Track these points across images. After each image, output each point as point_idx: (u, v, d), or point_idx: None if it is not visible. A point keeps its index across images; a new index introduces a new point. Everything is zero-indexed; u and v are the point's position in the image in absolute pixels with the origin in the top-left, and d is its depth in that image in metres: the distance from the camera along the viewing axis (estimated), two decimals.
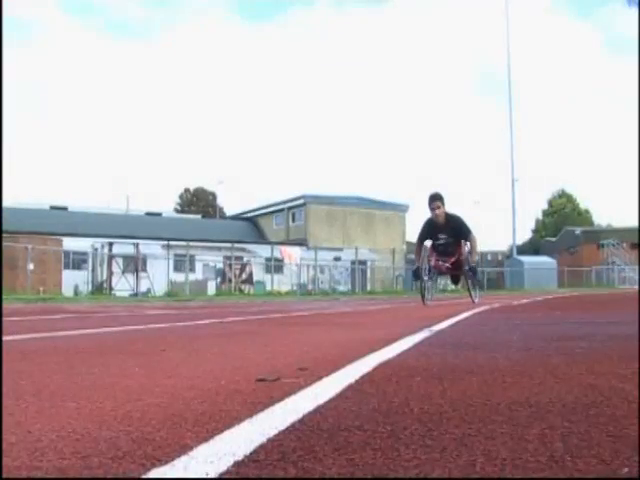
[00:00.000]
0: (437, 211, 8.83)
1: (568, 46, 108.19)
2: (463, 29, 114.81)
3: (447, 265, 8.91)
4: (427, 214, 9.08)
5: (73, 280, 24.95)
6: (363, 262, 34.13)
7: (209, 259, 30.22)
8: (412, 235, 41.57)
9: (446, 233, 8.94)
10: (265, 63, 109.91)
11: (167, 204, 68.17)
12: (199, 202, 71.37)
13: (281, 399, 1.32)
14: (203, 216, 52.85)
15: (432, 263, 8.89)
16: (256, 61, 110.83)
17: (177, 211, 61.09)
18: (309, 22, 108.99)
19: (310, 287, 29.52)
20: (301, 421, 1.12)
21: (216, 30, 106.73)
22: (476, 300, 9.46)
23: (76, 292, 24.17)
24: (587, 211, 73.11)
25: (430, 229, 9.08)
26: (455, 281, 10.62)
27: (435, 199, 8.95)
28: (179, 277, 26.11)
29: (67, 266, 25.82)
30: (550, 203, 74.43)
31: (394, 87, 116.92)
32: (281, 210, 42.60)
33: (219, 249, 31.27)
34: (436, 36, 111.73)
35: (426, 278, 8.78)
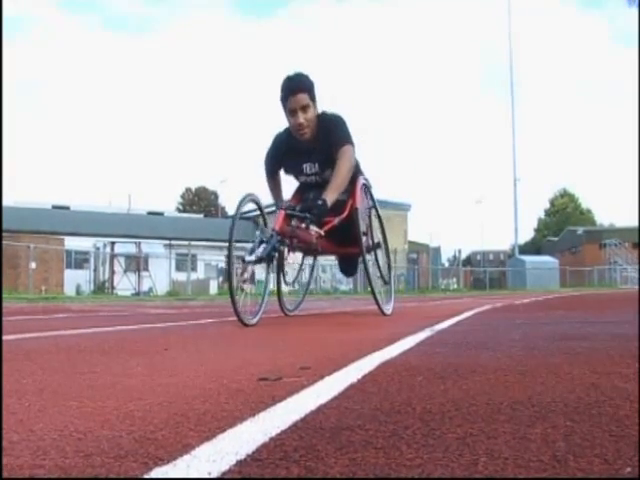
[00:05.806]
0: (305, 117, 4.27)
1: (571, 44, 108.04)
2: (465, 24, 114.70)
3: (318, 230, 4.04)
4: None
5: (75, 279, 25.03)
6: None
7: (211, 258, 30.25)
8: (414, 234, 41.60)
9: (318, 160, 4.48)
10: (267, 59, 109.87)
11: (169, 203, 68.39)
12: (201, 201, 71.50)
13: (283, 398, 1.32)
14: (205, 215, 52.87)
15: (277, 227, 3.90)
16: (258, 57, 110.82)
17: (179, 210, 61.21)
18: (310, 16, 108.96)
19: (312, 286, 29.53)
20: (303, 420, 1.12)
21: (217, 26, 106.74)
22: (388, 310, 4.84)
23: (78, 291, 24.23)
24: (589, 211, 73.21)
25: (285, 153, 4.61)
26: (348, 270, 5.53)
27: (298, 89, 4.23)
28: (181, 276, 26.16)
29: (69, 265, 25.90)
30: (552, 203, 74.50)
31: (395, 83, 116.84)
32: None
33: (221, 248, 31.25)
34: (438, 31, 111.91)
35: (252, 258, 3.75)
